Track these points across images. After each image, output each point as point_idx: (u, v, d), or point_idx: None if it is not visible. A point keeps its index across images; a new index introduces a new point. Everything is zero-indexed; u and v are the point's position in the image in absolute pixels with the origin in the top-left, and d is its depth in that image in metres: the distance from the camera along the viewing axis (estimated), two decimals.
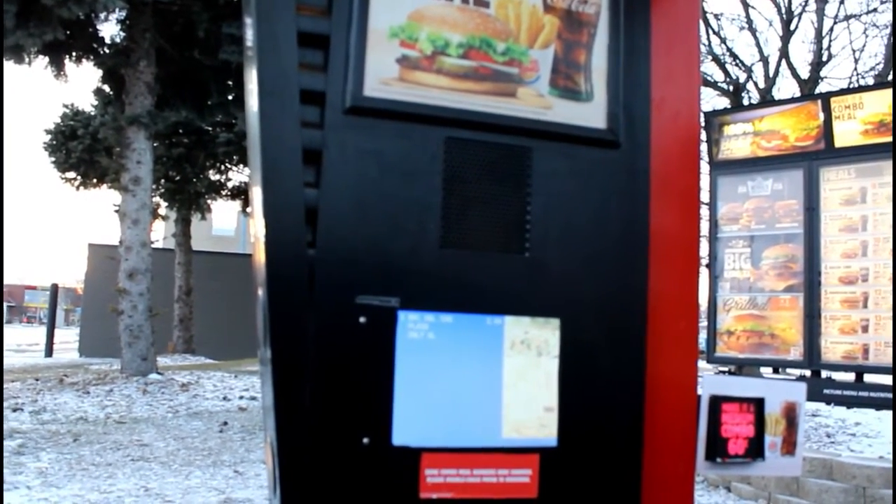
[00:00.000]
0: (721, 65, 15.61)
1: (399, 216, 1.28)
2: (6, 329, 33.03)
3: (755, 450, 1.49)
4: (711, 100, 15.87)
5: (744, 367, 7.59)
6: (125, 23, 10.06)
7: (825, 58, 15.02)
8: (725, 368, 7.65)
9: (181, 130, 14.05)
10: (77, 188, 15.36)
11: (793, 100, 8.72)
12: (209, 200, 17.12)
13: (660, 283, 1.40)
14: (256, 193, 1.35)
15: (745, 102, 14.48)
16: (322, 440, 1.21)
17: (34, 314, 56.49)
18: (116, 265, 10.11)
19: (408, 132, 1.30)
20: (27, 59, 9.24)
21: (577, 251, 1.37)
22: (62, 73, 10.11)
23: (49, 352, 18.17)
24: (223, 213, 27.63)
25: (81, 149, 14.21)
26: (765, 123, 7.55)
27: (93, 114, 14.19)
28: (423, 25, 1.31)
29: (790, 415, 1.54)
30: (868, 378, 6.66)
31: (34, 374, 10.77)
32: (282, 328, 1.22)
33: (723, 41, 15.75)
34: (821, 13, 14.83)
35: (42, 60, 9.79)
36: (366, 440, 1.23)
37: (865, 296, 6.69)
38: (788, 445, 1.53)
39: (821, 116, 7.09)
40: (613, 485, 1.35)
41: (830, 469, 4.31)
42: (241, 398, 8.99)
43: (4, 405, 7.52)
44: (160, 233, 15.00)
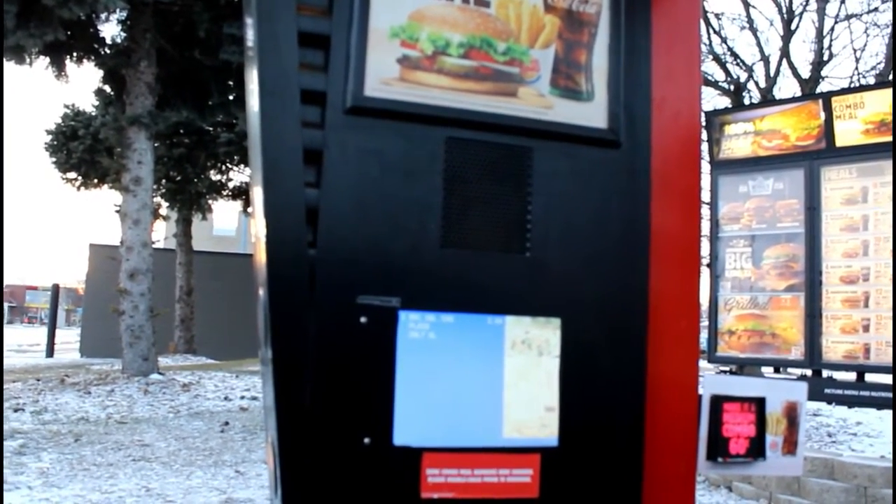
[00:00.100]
0: (722, 64, 15.58)
1: (400, 216, 1.28)
2: (7, 329, 33.05)
3: (756, 449, 1.49)
4: (712, 99, 15.86)
5: (745, 367, 7.59)
6: (126, 23, 10.07)
7: (826, 57, 14.99)
8: (726, 368, 7.65)
9: (182, 130, 14.04)
10: (78, 188, 15.36)
11: (794, 99, 8.72)
12: (210, 200, 17.12)
13: (661, 283, 1.40)
14: (257, 193, 1.35)
15: (746, 102, 14.44)
16: (323, 440, 1.21)
17: (35, 314, 56.53)
18: (117, 265, 10.12)
19: (408, 132, 1.30)
20: (28, 60, 9.25)
21: (578, 251, 1.37)
22: (63, 74, 10.11)
23: (50, 352, 18.18)
24: (224, 214, 27.72)
25: (82, 149, 14.21)
26: (766, 123, 7.55)
27: (94, 114, 14.18)
28: (424, 25, 1.31)
29: (791, 414, 1.54)
30: (869, 377, 6.65)
31: (35, 375, 10.77)
32: (283, 328, 1.22)
33: (724, 41, 15.73)
34: (822, 12, 14.81)
35: (43, 61, 9.79)
36: (367, 440, 1.23)
37: (866, 295, 6.68)
38: (790, 445, 1.53)
39: (822, 116, 7.08)
40: (614, 484, 1.35)
41: (832, 469, 4.31)
42: (243, 398, 9.00)
43: (6, 405, 7.52)
44: (161, 233, 15.02)
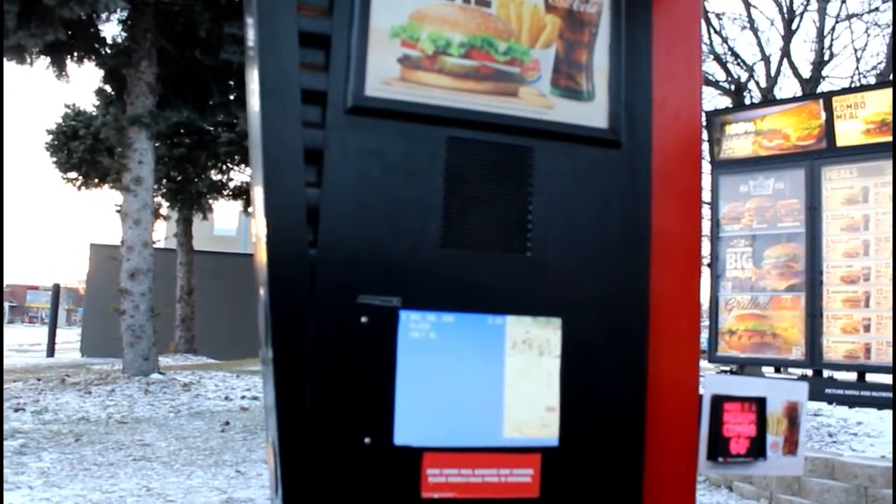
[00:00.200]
0: (722, 64, 15.58)
1: (400, 216, 1.28)
2: (8, 329, 33.07)
3: (757, 449, 1.49)
4: (713, 99, 15.84)
5: (745, 367, 7.59)
6: (126, 23, 10.07)
7: (827, 57, 14.99)
8: (727, 368, 7.64)
9: (183, 130, 14.05)
10: (79, 188, 15.36)
11: (794, 99, 8.72)
12: (211, 200, 17.12)
13: (661, 283, 1.40)
14: (258, 193, 1.35)
15: (747, 102, 14.43)
16: (324, 440, 1.21)
17: (36, 314, 56.56)
18: (118, 265, 10.12)
19: (409, 132, 1.30)
20: (29, 60, 9.25)
21: (579, 251, 1.36)
22: (64, 74, 10.11)
23: (51, 352, 18.19)
24: (225, 213, 27.75)
25: (83, 149, 14.21)
26: (766, 123, 7.54)
27: (94, 114, 14.18)
28: (425, 25, 1.31)
29: (792, 414, 1.54)
30: (870, 377, 6.65)
31: (36, 374, 10.78)
32: (283, 328, 1.22)
33: (724, 40, 15.73)
34: (822, 12, 14.80)
35: (43, 61, 9.79)
36: (367, 440, 1.23)
37: (867, 295, 6.68)
38: (790, 445, 1.53)
39: (822, 116, 7.08)
40: (615, 484, 1.35)
41: (832, 469, 4.30)
42: (243, 398, 9.00)
43: (6, 405, 7.53)
44: (162, 233, 15.05)
